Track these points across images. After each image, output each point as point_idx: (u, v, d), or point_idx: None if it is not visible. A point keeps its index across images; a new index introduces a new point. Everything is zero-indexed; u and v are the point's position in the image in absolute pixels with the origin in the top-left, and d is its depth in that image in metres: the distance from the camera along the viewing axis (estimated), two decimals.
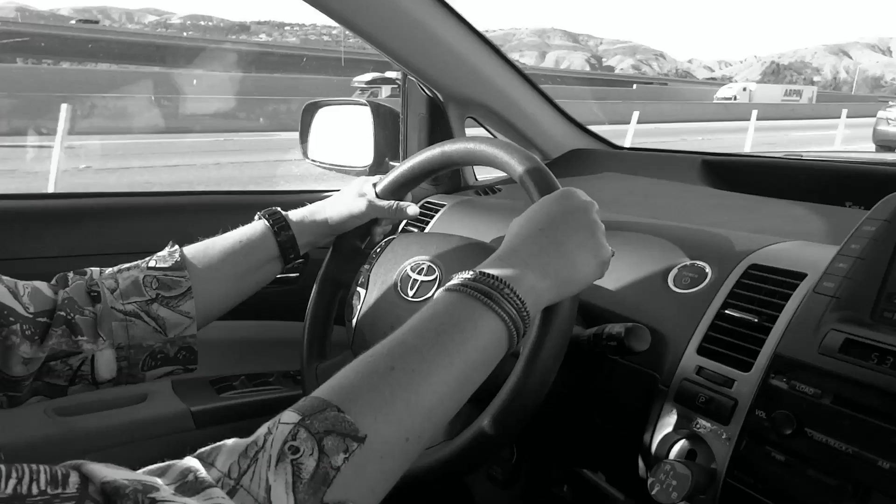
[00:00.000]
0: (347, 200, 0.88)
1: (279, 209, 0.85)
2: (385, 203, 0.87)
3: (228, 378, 1.27)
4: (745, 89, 44.94)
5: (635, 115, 12.83)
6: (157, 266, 0.75)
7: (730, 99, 40.73)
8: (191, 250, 0.78)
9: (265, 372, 1.32)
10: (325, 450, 0.40)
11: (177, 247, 0.78)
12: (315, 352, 0.91)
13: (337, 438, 0.41)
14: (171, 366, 0.75)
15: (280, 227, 0.83)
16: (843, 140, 16.05)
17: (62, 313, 0.66)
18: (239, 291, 0.81)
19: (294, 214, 0.86)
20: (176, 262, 0.75)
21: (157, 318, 0.72)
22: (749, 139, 13.78)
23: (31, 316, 0.64)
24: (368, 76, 14.44)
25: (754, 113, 15.04)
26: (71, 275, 0.71)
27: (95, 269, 0.73)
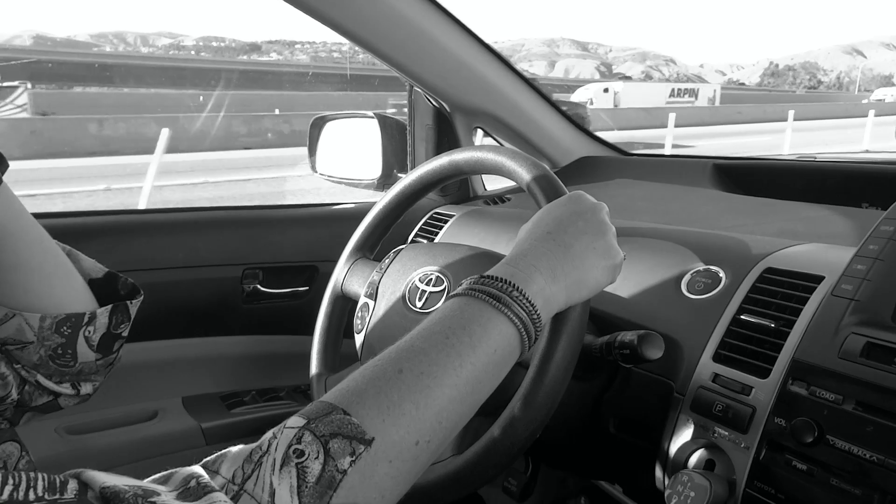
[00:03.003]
0: None
1: None
2: None
3: (239, 393, 1.27)
4: (606, 90, 30.77)
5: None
6: None
7: (584, 103, 27.59)
8: None
9: (275, 387, 1.31)
10: (331, 453, 0.39)
11: None
12: (324, 364, 0.90)
13: (343, 441, 0.40)
14: (78, 339, 0.62)
15: None
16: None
17: None
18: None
19: None
20: None
21: (4, 340, 0.60)
22: None
23: None
24: None
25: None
26: None
27: None
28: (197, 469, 0.39)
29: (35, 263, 0.60)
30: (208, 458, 0.40)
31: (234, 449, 0.40)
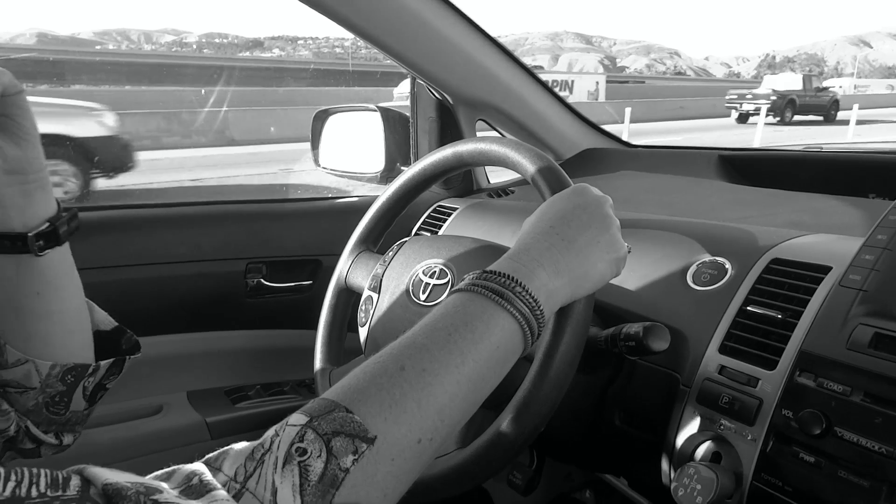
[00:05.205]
0: None
1: None
2: None
3: (243, 388, 1.27)
4: None
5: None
6: None
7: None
8: None
9: (280, 381, 1.31)
10: (334, 451, 0.39)
11: None
12: (328, 358, 0.90)
13: (346, 439, 0.40)
14: (78, 388, 0.63)
15: None
16: None
17: None
18: (40, 313, 0.60)
19: None
20: None
21: (7, 382, 0.60)
22: None
23: None
24: None
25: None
26: None
27: None
28: (199, 466, 0.39)
29: (63, 316, 0.61)
30: (210, 455, 0.40)
31: (237, 446, 0.40)
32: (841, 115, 20.48)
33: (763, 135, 11.76)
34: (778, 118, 18.98)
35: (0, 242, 0.55)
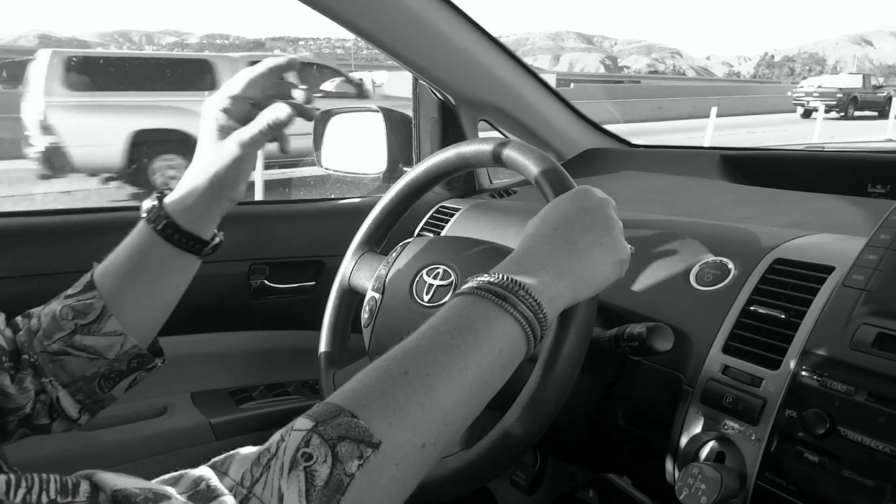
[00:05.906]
0: (209, 148, 0.69)
1: (159, 199, 0.70)
2: (250, 130, 0.66)
3: (247, 388, 1.27)
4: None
5: None
6: (71, 293, 0.69)
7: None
8: (101, 268, 0.70)
9: (284, 382, 1.31)
10: (339, 456, 0.39)
11: (94, 268, 0.71)
12: (332, 359, 0.90)
13: (351, 444, 0.40)
14: (130, 376, 0.71)
15: (156, 217, 0.69)
16: None
17: (25, 357, 0.65)
18: (163, 300, 0.72)
19: (171, 197, 0.70)
20: (86, 283, 0.69)
21: (85, 347, 0.67)
22: None
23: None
24: None
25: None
26: (20, 318, 0.69)
27: (36, 310, 0.69)
28: (206, 471, 0.39)
29: (170, 309, 0.73)
30: (217, 459, 0.41)
31: (243, 451, 0.41)
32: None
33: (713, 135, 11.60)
34: (841, 114, 20.99)
35: (187, 242, 0.70)
